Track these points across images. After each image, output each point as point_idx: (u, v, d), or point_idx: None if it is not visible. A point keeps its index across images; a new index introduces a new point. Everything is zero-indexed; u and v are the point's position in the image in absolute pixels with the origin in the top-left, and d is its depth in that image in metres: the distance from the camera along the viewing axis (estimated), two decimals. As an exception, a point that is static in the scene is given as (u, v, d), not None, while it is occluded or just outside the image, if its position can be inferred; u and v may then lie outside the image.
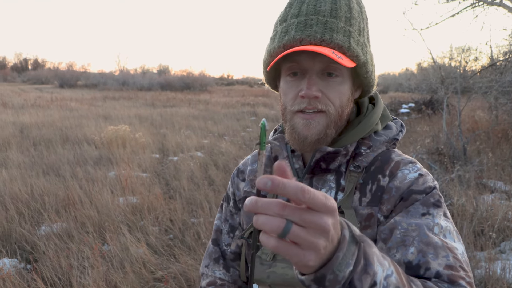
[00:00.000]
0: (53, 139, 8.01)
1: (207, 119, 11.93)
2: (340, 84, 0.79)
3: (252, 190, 0.98)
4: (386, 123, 0.91)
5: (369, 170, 0.85)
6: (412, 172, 0.82)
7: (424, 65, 12.13)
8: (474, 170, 5.49)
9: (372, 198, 0.82)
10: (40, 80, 41.40)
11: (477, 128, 8.39)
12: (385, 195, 0.81)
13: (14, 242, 3.61)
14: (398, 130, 0.92)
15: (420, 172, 0.83)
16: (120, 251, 3.31)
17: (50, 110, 13.10)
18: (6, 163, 6.13)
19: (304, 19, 0.76)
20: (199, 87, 30.61)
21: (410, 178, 0.81)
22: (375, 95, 0.94)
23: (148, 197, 4.49)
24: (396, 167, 0.83)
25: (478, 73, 7.83)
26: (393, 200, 0.80)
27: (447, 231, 0.76)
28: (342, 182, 0.85)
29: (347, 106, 0.83)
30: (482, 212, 3.94)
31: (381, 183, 0.82)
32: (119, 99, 19.35)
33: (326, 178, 0.86)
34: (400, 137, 0.91)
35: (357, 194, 0.83)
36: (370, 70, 0.82)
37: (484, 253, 3.27)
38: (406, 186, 0.80)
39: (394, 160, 0.85)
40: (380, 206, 0.81)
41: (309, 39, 0.75)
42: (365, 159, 0.84)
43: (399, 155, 0.87)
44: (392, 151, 0.88)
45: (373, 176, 0.84)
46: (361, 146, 0.86)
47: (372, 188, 0.82)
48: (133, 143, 7.54)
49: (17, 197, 4.48)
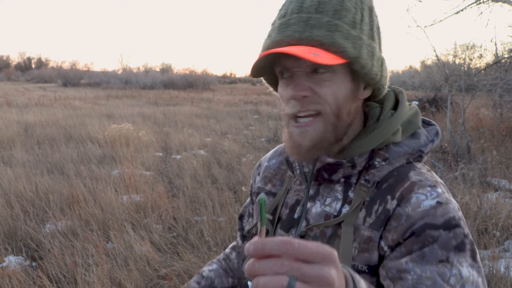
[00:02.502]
0: (57, 137, 8.04)
1: (210, 118, 11.93)
2: (330, 79, 0.71)
3: (264, 186, 0.96)
4: (412, 131, 0.78)
5: (381, 186, 0.74)
6: (429, 199, 0.69)
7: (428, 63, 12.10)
8: (478, 168, 5.47)
9: (376, 221, 0.71)
10: (44, 79, 41.54)
11: (481, 126, 8.36)
12: (393, 221, 0.69)
13: (20, 240, 3.63)
14: (429, 140, 0.78)
15: (440, 199, 0.69)
16: (124, 249, 3.33)
17: (53, 109, 13.15)
18: (11, 162, 6.16)
19: (287, 19, 0.71)
20: (202, 86, 30.62)
21: (426, 206, 0.68)
22: (400, 97, 0.81)
23: (152, 195, 4.51)
24: (409, 189, 0.70)
25: (483, 70, 7.80)
26: (401, 230, 0.68)
27: (468, 282, 0.64)
28: (350, 194, 0.76)
29: (345, 105, 0.73)
30: (486, 210, 3.93)
31: (387, 205, 0.71)
32: (122, 98, 19.40)
33: (334, 188, 0.78)
34: (427, 149, 0.77)
35: (363, 211, 0.73)
36: (368, 65, 0.72)
37: (488, 251, 3.26)
38: (419, 216, 0.67)
39: (411, 179, 0.72)
40: (385, 233, 0.70)
41: (288, 40, 0.70)
42: (378, 173, 0.74)
43: (420, 174, 0.73)
44: (413, 166, 0.75)
45: (382, 195, 0.72)
46: (376, 157, 0.75)
47: (378, 209, 0.72)
48: (137, 142, 7.56)
49: (22, 195, 4.51)
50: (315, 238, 0.76)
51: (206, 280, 1.01)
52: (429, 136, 0.79)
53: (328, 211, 0.76)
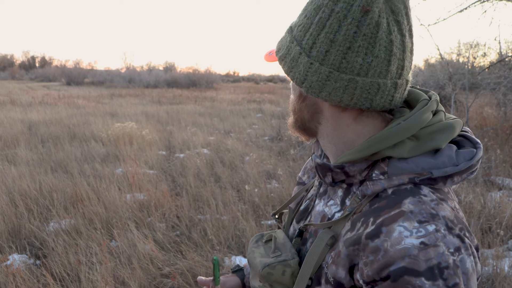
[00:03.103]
0: (61, 136, 8.07)
1: (213, 116, 11.95)
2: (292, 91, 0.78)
3: (302, 176, 0.99)
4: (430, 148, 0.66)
5: (373, 204, 0.66)
6: (412, 236, 0.58)
7: (431, 61, 12.04)
8: (481, 167, 5.45)
9: (350, 239, 0.65)
10: (48, 78, 41.67)
11: (485, 124, 8.33)
12: (370, 254, 0.60)
13: (24, 238, 3.65)
14: (451, 162, 0.65)
15: (426, 240, 0.57)
16: (127, 247, 3.34)
17: (57, 108, 13.20)
18: (15, 160, 6.20)
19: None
20: (205, 84, 30.63)
21: (407, 244, 0.58)
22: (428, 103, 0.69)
23: (155, 194, 4.52)
24: (393, 218, 0.61)
25: (487, 69, 7.76)
26: (377, 268, 0.59)
27: None
28: (347, 202, 0.73)
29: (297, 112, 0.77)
30: (490, 209, 3.92)
31: (367, 229, 0.63)
32: (126, 96, 19.44)
33: (336, 191, 0.76)
34: (441, 173, 0.64)
35: (349, 224, 0.68)
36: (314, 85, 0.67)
37: (492, 250, 3.25)
38: (398, 256, 0.57)
39: (402, 207, 0.62)
40: (361, 265, 0.62)
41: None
42: (372, 186, 0.67)
43: (417, 203, 0.62)
44: (415, 191, 0.64)
45: (368, 216, 0.65)
46: (375, 169, 0.68)
47: (359, 229, 0.65)
48: (140, 140, 7.58)
49: (26, 194, 4.53)
50: (310, 235, 0.78)
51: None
52: (453, 158, 0.65)
53: (326, 212, 0.77)
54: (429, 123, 0.68)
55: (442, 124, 0.68)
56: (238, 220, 3.92)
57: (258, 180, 5.19)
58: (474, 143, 0.71)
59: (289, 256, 0.77)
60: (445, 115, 0.72)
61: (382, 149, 0.66)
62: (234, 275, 1.07)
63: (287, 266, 0.75)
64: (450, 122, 0.69)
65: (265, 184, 5.03)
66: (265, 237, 0.87)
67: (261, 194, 4.61)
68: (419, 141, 0.67)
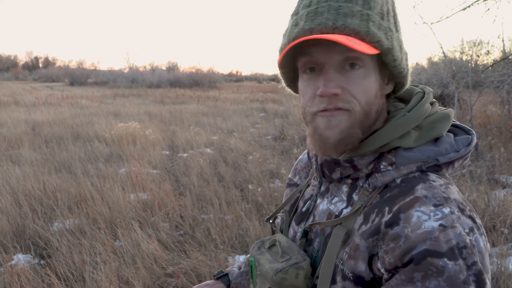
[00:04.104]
0: (65, 136, 8.10)
1: (216, 116, 11.95)
2: (364, 77, 0.67)
3: (293, 178, 0.97)
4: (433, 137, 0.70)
5: (385, 195, 0.68)
6: (431, 220, 0.60)
7: (434, 60, 12.00)
8: (485, 166, 5.43)
9: (368, 230, 0.66)
10: (51, 78, 41.81)
11: (489, 123, 8.29)
12: (391, 242, 0.62)
13: (28, 238, 3.67)
14: (452, 149, 0.69)
15: (444, 222, 0.60)
16: (131, 247, 3.35)
17: (61, 108, 13.24)
18: (19, 160, 6.22)
19: (315, 8, 0.67)
20: (208, 84, 30.65)
21: (427, 228, 0.59)
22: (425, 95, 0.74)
23: (159, 194, 4.53)
24: (409, 204, 0.63)
25: (490, 67, 7.72)
26: (399, 254, 0.60)
27: None
28: (354, 197, 0.73)
29: (375, 102, 0.69)
30: (494, 207, 3.91)
31: (383, 218, 0.64)
32: (129, 96, 19.48)
33: (341, 188, 0.76)
34: (446, 159, 0.68)
35: (361, 217, 0.69)
36: (399, 57, 0.69)
37: (496, 249, 3.24)
38: (420, 239, 0.59)
39: (415, 193, 0.64)
40: (381, 253, 0.63)
41: (320, 28, 0.65)
42: (381, 178, 0.69)
43: (429, 188, 0.64)
44: (424, 178, 0.67)
45: (382, 205, 0.66)
46: (383, 160, 0.70)
47: (375, 219, 0.66)
48: (143, 140, 7.60)
49: (30, 194, 4.55)
50: (316, 234, 0.77)
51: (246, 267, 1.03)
52: (454, 145, 0.69)
53: (331, 210, 0.76)
54: (429, 113, 0.72)
55: (440, 114, 0.73)
56: (242, 219, 3.93)
57: (262, 179, 5.20)
58: (466, 130, 0.74)
59: (300, 258, 0.75)
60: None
61: (391, 141, 0.69)
62: (219, 282, 1.00)
63: (300, 268, 0.74)
64: (446, 112, 0.73)
65: (268, 183, 5.03)
66: (267, 242, 0.84)
67: (265, 193, 4.61)
68: (422, 130, 0.70)
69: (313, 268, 0.75)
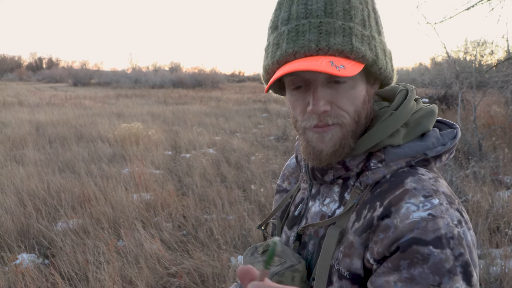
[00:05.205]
0: (68, 136, 8.13)
1: (218, 116, 11.96)
2: (352, 87, 0.68)
3: (282, 184, 0.97)
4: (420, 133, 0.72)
5: (375, 191, 0.69)
6: (420, 210, 0.61)
7: (438, 60, 11.97)
8: (489, 166, 5.41)
9: (360, 226, 0.67)
10: (55, 79, 41.98)
11: (493, 123, 8.26)
12: (380, 233, 0.63)
13: (32, 237, 3.69)
14: (439, 143, 0.71)
15: (433, 211, 0.61)
16: (134, 247, 3.36)
17: (64, 108, 13.29)
18: (23, 161, 6.25)
19: (295, 26, 0.65)
20: (211, 84, 30.70)
21: (415, 218, 0.61)
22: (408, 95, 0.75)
23: (161, 194, 4.54)
24: (399, 197, 0.64)
25: (494, 67, 7.70)
26: (387, 243, 0.62)
27: None
28: (346, 196, 0.74)
29: (363, 108, 0.70)
30: (498, 208, 3.89)
31: (374, 212, 0.66)
32: (132, 97, 19.53)
33: (332, 189, 0.77)
34: (434, 153, 0.70)
35: (354, 215, 0.70)
36: (384, 64, 0.69)
37: (500, 250, 3.23)
38: (407, 229, 0.60)
39: (405, 186, 0.65)
40: (371, 244, 0.65)
41: (304, 51, 0.64)
42: (372, 175, 0.70)
43: (418, 181, 0.66)
44: (413, 172, 0.68)
45: (373, 201, 0.67)
46: (372, 159, 0.71)
47: (366, 215, 0.67)
48: (146, 141, 7.62)
49: (34, 194, 4.57)
50: (310, 237, 0.77)
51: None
52: (440, 139, 0.71)
53: (324, 211, 0.76)
54: (415, 110, 0.74)
55: (426, 110, 0.74)
56: (244, 219, 3.93)
57: (264, 179, 5.20)
58: (449, 125, 0.76)
59: (295, 261, 0.75)
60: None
61: (382, 140, 0.70)
62: None
63: (296, 271, 0.73)
64: (430, 107, 0.75)
65: (271, 183, 5.03)
66: (260, 248, 0.83)
67: (267, 193, 4.61)
68: (409, 127, 0.72)
69: (308, 271, 0.75)
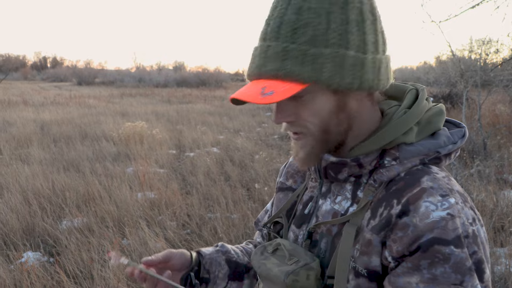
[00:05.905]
0: (73, 135, 8.17)
1: (222, 115, 11.98)
2: (312, 100, 0.68)
3: (286, 182, 0.96)
4: (431, 132, 0.73)
5: (390, 188, 0.70)
6: (439, 209, 0.63)
7: (443, 58, 11.90)
8: (494, 165, 5.38)
9: (378, 224, 0.68)
10: (59, 78, 42.19)
11: (498, 122, 8.22)
12: (399, 231, 0.64)
13: (37, 236, 3.71)
14: (450, 141, 0.72)
15: (451, 211, 0.63)
16: (139, 245, 3.38)
17: (69, 108, 13.35)
18: (28, 160, 6.29)
19: (255, 48, 0.71)
20: (215, 83, 30.74)
21: (435, 217, 0.62)
22: (420, 95, 0.76)
23: (166, 193, 4.55)
24: (417, 196, 0.65)
25: (499, 65, 7.65)
26: (407, 242, 0.63)
27: None
28: (359, 194, 0.75)
29: (332, 118, 0.70)
30: (503, 207, 3.88)
31: (392, 210, 0.66)
32: (136, 96, 19.59)
33: (344, 186, 0.77)
34: (446, 151, 0.71)
35: (369, 213, 0.71)
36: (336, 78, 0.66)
37: (505, 249, 3.21)
38: (428, 228, 0.62)
39: (422, 185, 0.66)
40: (389, 242, 0.66)
41: (254, 75, 0.70)
42: (387, 173, 0.71)
43: (434, 180, 0.67)
44: (428, 170, 0.69)
45: (389, 198, 0.68)
46: (386, 156, 0.72)
47: (383, 212, 0.68)
48: (150, 140, 7.64)
49: (39, 193, 4.60)
50: (322, 235, 0.76)
51: (222, 247, 1.01)
52: (451, 138, 0.73)
53: (336, 209, 0.76)
54: (427, 108, 0.75)
55: (436, 109, 0.76)
56: (248, 218, 3.94)
57: (268, 178, 5.20)
58: (456, 124, 0.78)
59: (308, 259, 0.74)
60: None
61: (396, 137, 0.71)
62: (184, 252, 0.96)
63: (311, 269, 0.73)
64: (439, 107, 0.76)
65: (275, 182, 5.03)
66: (269, 247, 0.83)
67: (271, 192, 4.61)
68: (421, 125, 0.73)
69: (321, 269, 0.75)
